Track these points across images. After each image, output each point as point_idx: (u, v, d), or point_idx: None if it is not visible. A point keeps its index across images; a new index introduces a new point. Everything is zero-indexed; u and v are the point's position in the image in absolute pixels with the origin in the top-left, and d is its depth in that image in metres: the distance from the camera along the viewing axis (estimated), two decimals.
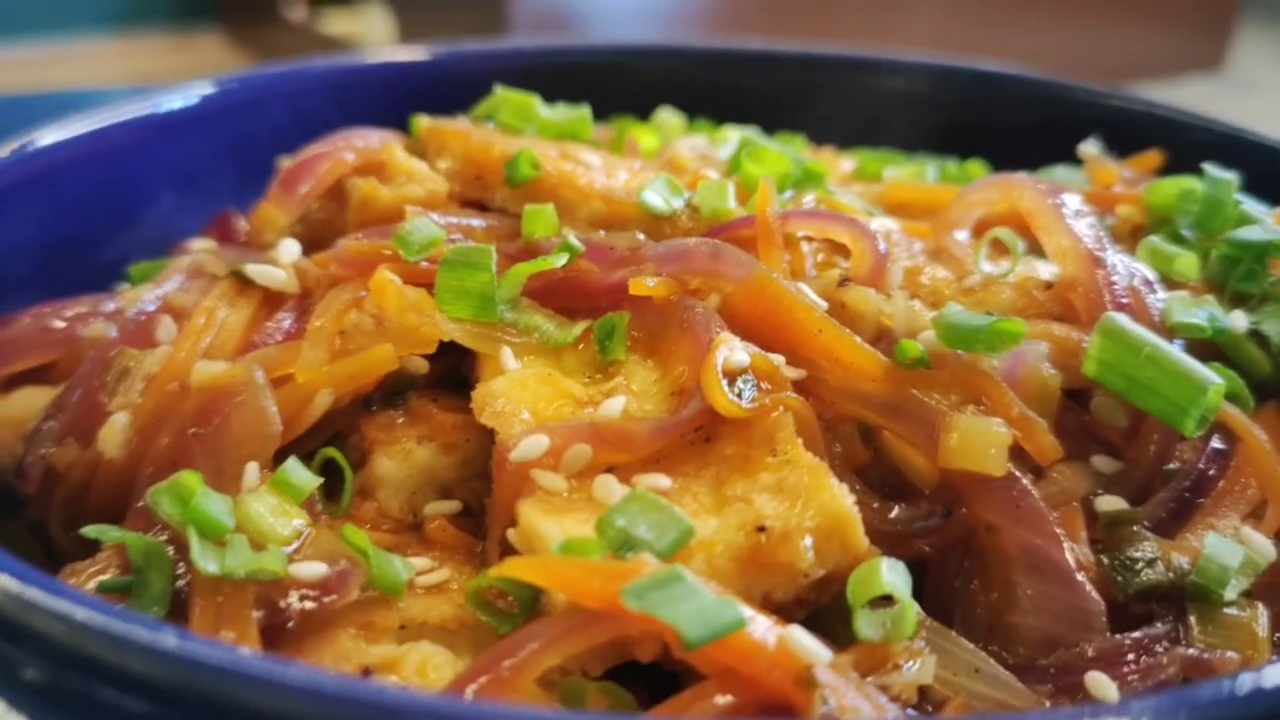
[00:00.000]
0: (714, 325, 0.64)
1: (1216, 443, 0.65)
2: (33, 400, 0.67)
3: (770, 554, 0.54)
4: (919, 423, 0.62)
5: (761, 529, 0.55)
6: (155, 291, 0.70)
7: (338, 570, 0.55)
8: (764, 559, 0.55)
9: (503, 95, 0.90)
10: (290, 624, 0.56)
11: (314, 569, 0.55)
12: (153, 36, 2.87)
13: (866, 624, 0.53)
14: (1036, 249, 0.75)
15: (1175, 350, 0.63)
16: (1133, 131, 0.99)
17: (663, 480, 0.59)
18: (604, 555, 0.53)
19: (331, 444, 0.67)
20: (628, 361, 0.66)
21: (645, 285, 0.67)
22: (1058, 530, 0.60)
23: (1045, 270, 0.71)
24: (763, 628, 0.49)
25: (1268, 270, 0.72)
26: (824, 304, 0.67)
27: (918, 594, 0.61)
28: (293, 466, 0.59)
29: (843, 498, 0.56)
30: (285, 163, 0.82)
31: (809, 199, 0.78)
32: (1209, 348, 0.70)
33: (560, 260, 0.69)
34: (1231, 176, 0.79)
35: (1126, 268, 0.70)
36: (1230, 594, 0.58)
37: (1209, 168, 0.79)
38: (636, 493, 0.56)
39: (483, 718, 0.40)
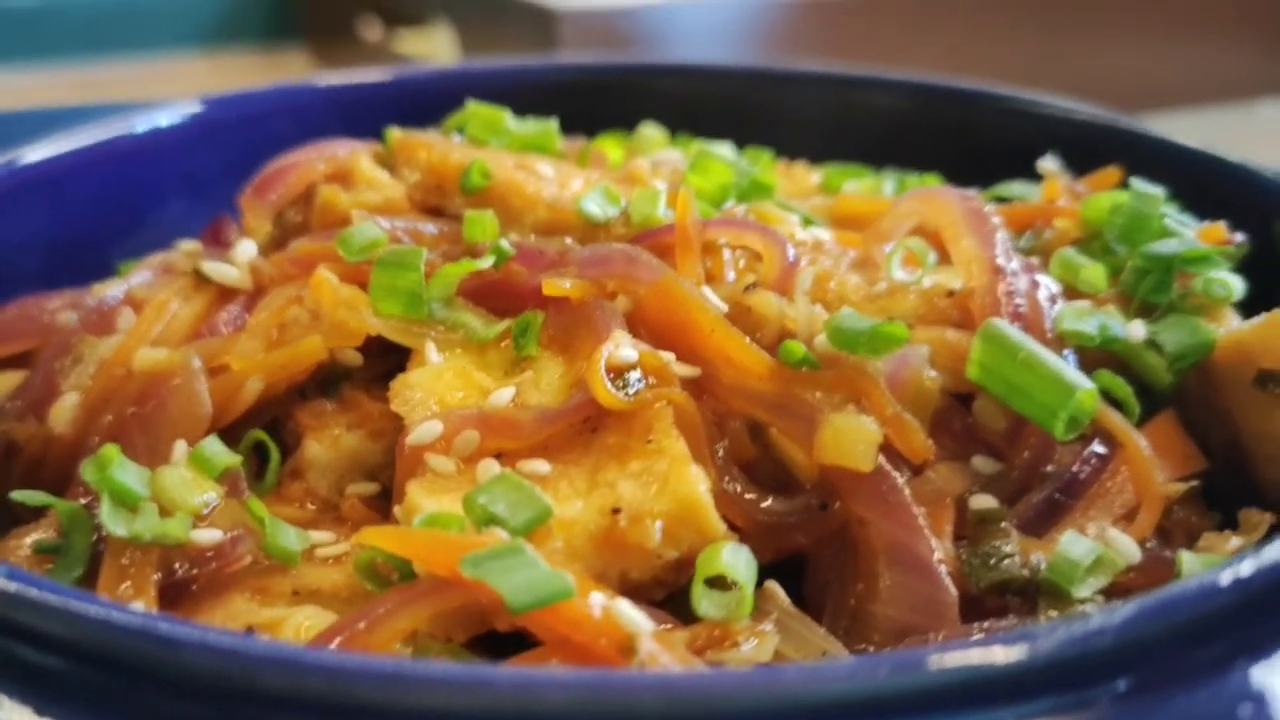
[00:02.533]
0: (612, 323, 0.69)
1: (1099, 447, 0.67)
2: (8, 383, 0.74)
3: (622, 535, 0.58)
4: (800, 419, 0.65)
5: (616, 511, 0.59)
6: (122, 285, 0.77)
7: (231, 537, 0.61)
8: (616, 539, 0.58)
9: (473, 109, 0.95)
10: (194, 587, 0.61)
11: (210, 535, 0.60)
12: (241, 54, 3.00)
13: (706, 602, 0.57)
14: None
15: (1050, 355, 0.65)
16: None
17: (542, 466, 0.63)
18: (467, 530, 0.57)
19: (269, 429, 0.73)
20: (540, 357, 0.71)
21: (559, 286, 0.71)
22: (923, 525, 0.63)
23: (953, 279, 0.74)
24: (592, 600, 0.53)
25: (1176, 282, 0.74)
26: (724, 307, 0.70)
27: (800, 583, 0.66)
28: (209, 444, 0.65)
29: (696, 485, 0.59)
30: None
31: (740, 208, 0.82)
32: (1113, 357, 0.72)
33: (487, 263, 0.74)
34: (1158, 191, 0.80)
35: (1030, 278, 0.73)
36: (1082, 591, 0.60)
37: (1136, 182, 0.81)
38: (504, 474, 0.60)
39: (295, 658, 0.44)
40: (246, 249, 0.79)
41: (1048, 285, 0.73)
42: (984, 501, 0.65)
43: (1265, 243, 0.85)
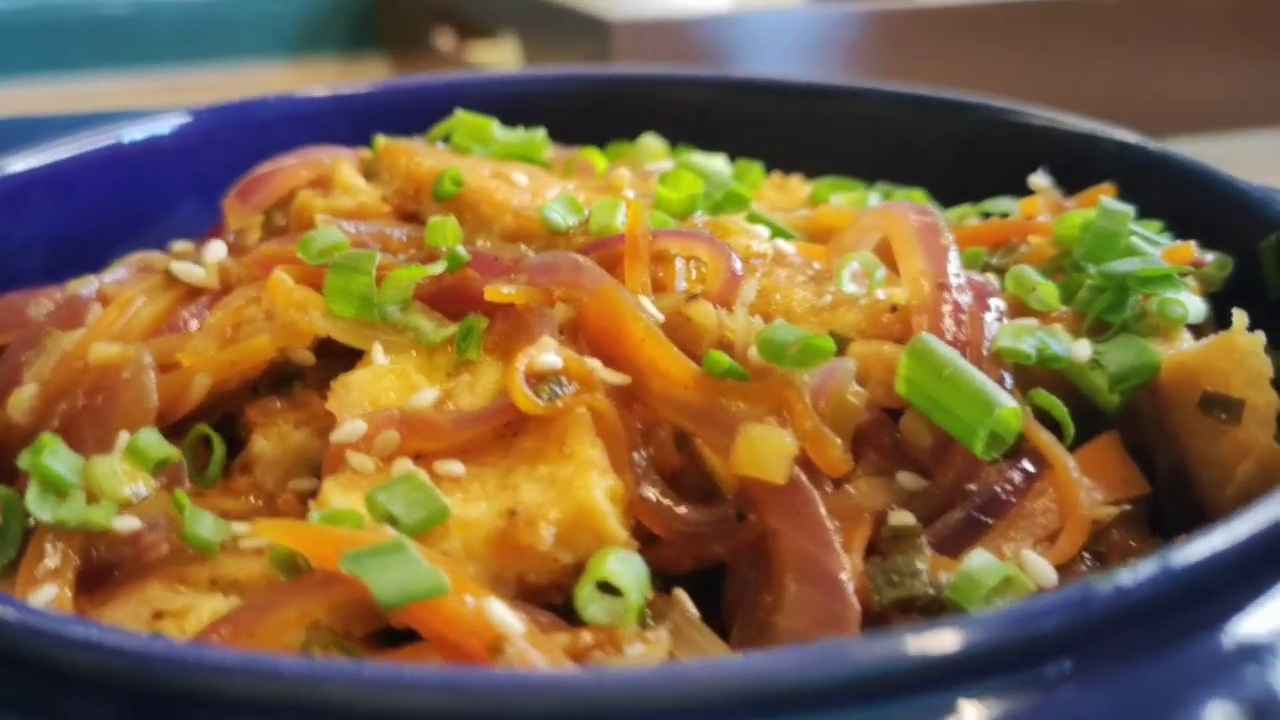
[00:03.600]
0: (544, 329, 0.70)
1: (1026, 467, 0.66)
2: None
3: (515, 537, 0.59)
4: (722, 430, 0.65)
5: (513, 513, 0.60)
6: (95, 281, 0.80)
7: (149, 525, 0.63)
8: (510, 541, 0.59)
9: (460, 117, 0.97)
10: (117, 573, 0.64)
11: (129, 523, 0.62)
12: (323, 63, 3.09)
13: (593, 607, 0.57)
14: None
15: (975, 372, 0.64)
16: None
17: (457, 467, 0.64)
18: (368, 527, 0.59)
19: (226, 425, 0.75)
20: (481, 362, 0.72)
21: (499, 292, 0.72)
22: (833, 539, 0.62)
23: (899, 294, 0.73)
24: (466, 600, 0.54)
25: (1137, 302, 0.72)
26: (661, 316, 0.71)
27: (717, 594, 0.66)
28: (145, 436, 0.67)
29: (594, 490, 0.60)
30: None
31: (702, 219, 0.82)
32: (1061, 378, 0.70)
33: (439, 268, 0.75)
34: (1127, 209, 0.78)
35: (977, 296, 0.72)
36: (985, 612, 0.59)
37: (1105, 200, 0.79)
38: (407, 474, 0.61)
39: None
40: (216, 250, 0.81)
41: (997, 304, 0.72)
42: (902, 518, 0.64)
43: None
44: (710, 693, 0.43)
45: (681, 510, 0.65)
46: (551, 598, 0.61)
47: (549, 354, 0.66)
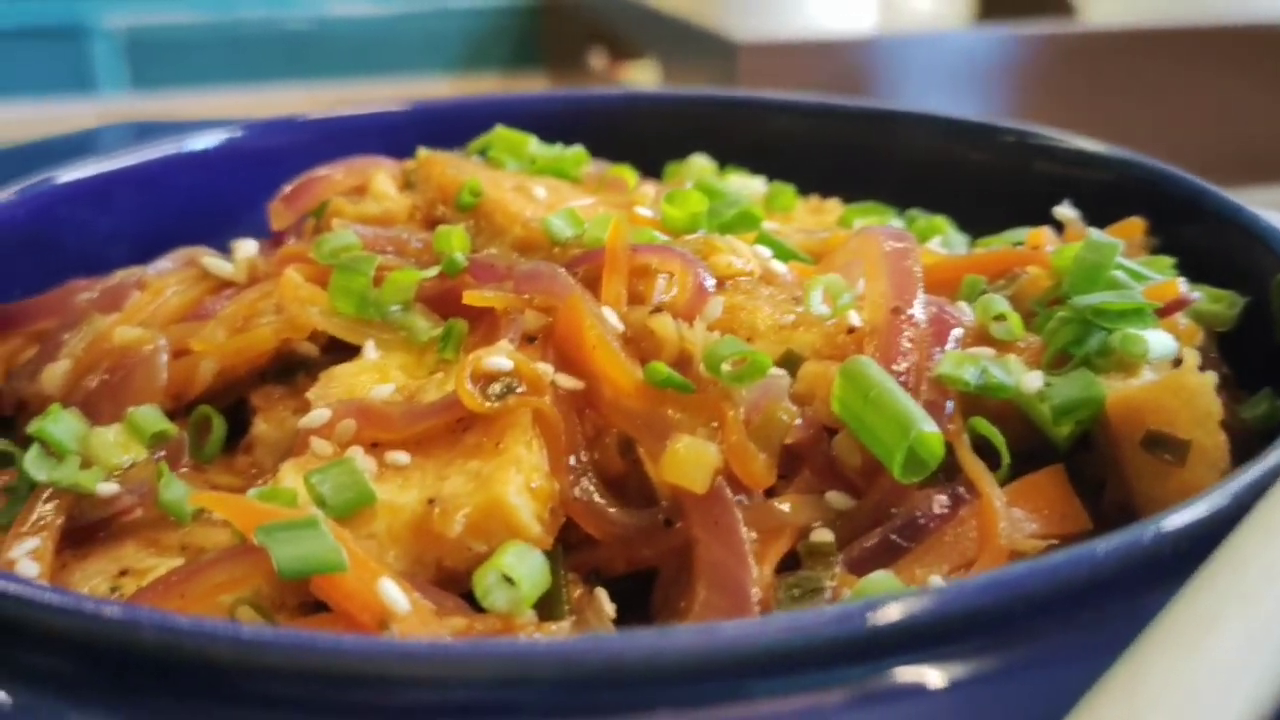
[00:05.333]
0: (509, 333, 0.74)
1: (951, 495, 0.66)
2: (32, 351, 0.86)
3: (431, 524, 0.63)
4: (659, 438, 0.68)
5: (432, 501, 0.64)
6: (139, 271, 0.88)
7: (126, 489, 0.69)
8: (427, 528, 0.63)
9: (498, 132, 1.02)
10: (102, 533, 0.71)
11: (110, 487, 0.69)
12: (485, 79, 3.22)
13: (492, 594, 0.60)
14: None
15: (898, 394, 0.65)
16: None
17: (403, 457, 0.68)
18: (301, 505, 0.64)
19: (235, 408, 0.82)
20: (458, 361, 0.76)
21: (478, 296, 0.77)
22: (747, 549, 0.64)
23: (856, 317, 0.74)
24: (364, 577, 0.58)
25: (1092, 336, 0.71)
26: (621, 327, 0.74)
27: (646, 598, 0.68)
28: (143, 411, 0.74)
29: (507, 485, 0.63)
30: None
31: (696, 235, 0.85)
32: (1010, 407, 0.70)
33: (430, 273, 0.80)
34: (1114, 241, 0.77)
35: (937, 323, 0.72)
36: None
37: (1092, 232, 0.78)
38: (341, 460, 0.66)
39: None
40: (247, 247, 0.88)
41: (956, 333, 0.72)
42: (821, 535, 0.66)
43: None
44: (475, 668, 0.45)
45: (612, 512, 0.68)
46: (468, 584, 0.64)
47: (499, 356, 0.70)
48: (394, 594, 0.58)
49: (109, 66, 3.14)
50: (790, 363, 0.73)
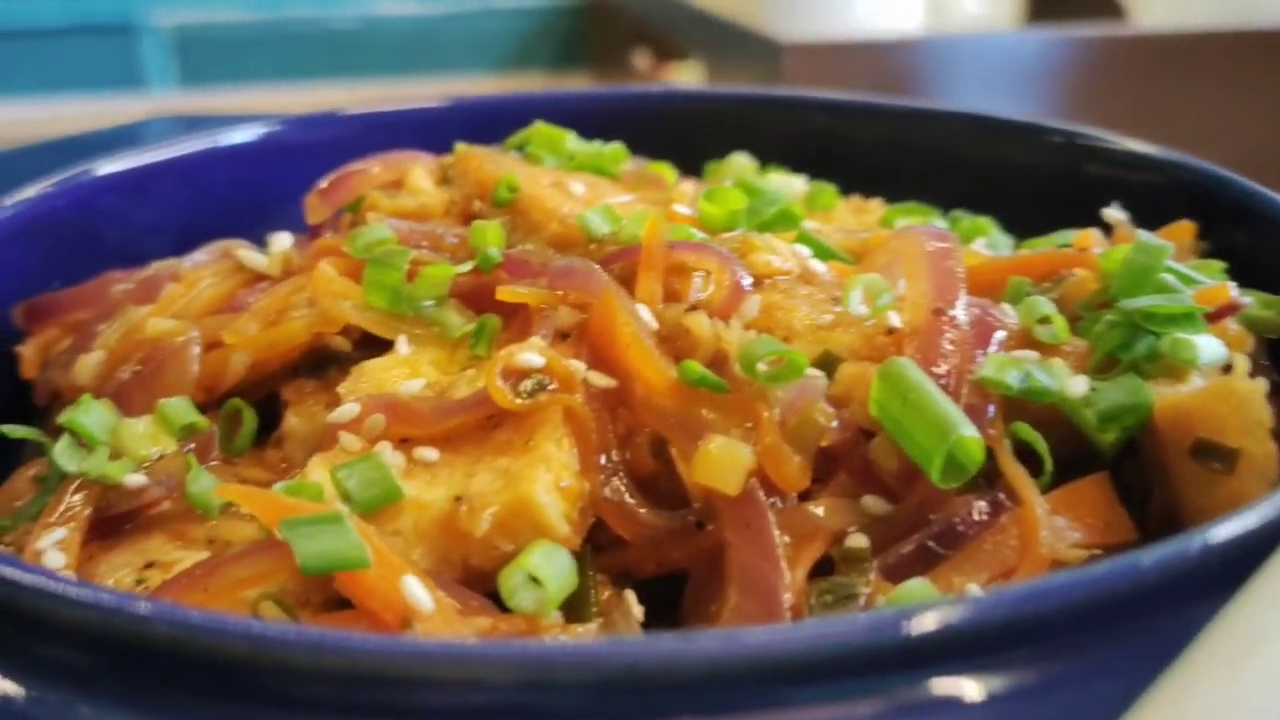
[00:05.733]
0: (541, 329, 0.73)
1: (991, 501, 0.64)
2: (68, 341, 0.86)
3: (457, 522, 0.62)
4: (692, 438, 0.67)
5: (459, 499, 0.63)
6: (174, 263, 0.88)
7: (153, 482, 0.69)
8: (454, 526, 0.62)
9: (536, 127, 1.01)
10: (129, 525, 0.70)
11: (137, 479, 0.69)
12: (530, 78, 3.22)
13: (518, 595, 0.59)
14: None
15: (938, 397, 0.63)
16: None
17: (430, 453, 0.67)
18: (328, 500, 0.63)
19: (267, 403, 0.81)
20: (491, 358, 0.75)
21: (512, 292, 0.76)
22: (779, 553, 0.63)
23: (896, 318, 0.72)
24: (387, 574, 0.57)
25: (1141, 340, 0.69)
26: (654, 324, 0.73)
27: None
28: (173, 403, 0.74)
29: (535, 484, 0.62)
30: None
31: (735, 235, 0.83)
32: (1054, 413, 0.68)
33: (464, 269, 0.79)
34: (1165, 244, 0.75)
35: (980, 325, 0.70)
36: None
37: (1142, 234, 0.76)
38: (369, 455, 0.65)
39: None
40: (282, 240, 0.88)
41: (999, 336, 0.70)
42: (856, 540, 0.64)
43: None
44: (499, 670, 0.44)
45: (643, 513, 0.67)
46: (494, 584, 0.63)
47: (531, 353, 0.69)
48: (418, 592, 0.57)
49: (158, 64, 3.17)
50: (828, 364, 0.71)
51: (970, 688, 0.47)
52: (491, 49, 3.21)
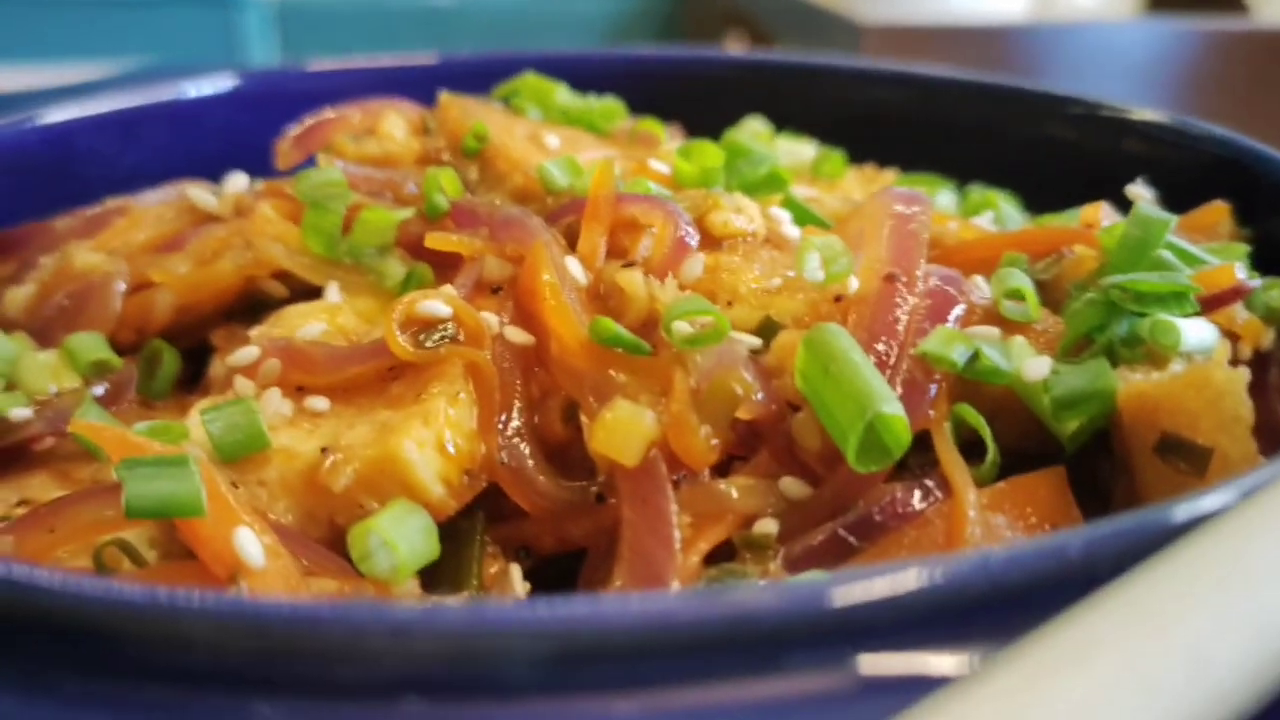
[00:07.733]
0: (463, 279, 0.67)
1: (919, 490, 0.56)
2: None
3: (320, 475, 0.57)
4: (603, 402, 0.61)
5: (324, 451, 0.58)
6: (126, 201, 0.85)
7: (37, 416, 0.65)
8: (316, 479, 0.57)
9: (525, 79, 0.96)
10: (18, 462, 0.67)
11: (22, 413, 0.65)
12: None
13: (370, 559, 0.54)
14: None
15: (864, 368, 0.56)
16: None
17: (320, 403, 0.63)
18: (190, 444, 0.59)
19: (201, 347, 0.77)
20: None
21: (442, 240, 0.71)
22: (674, 536, 0.56)
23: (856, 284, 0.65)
24: (221, 525, 0.52)
25: (1118, 320, 0.60)
26: (583, 279, 0.67)
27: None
28: (81, 338, 0.70)
29: (403, 440, 0.57)
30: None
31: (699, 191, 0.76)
32: (1016, 399, 0.60)
33: (403, 215, 0.74)
34: (1167, 217, 0.66)
35: (938, 296, 0.62)
36: None
37: (1141, 206, 0.67)
38: (240, 400, 0.61)
39: None
40: (238, 181, 0.84)
41: (958, 310, 0.62)
42: (764, 527, 0.57)
43: None
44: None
45: (540, 481, 0.61)
46: None
47: (437, 301, 0.63)
48: (249, 546, 0.52)
49: (260, 37, 3.20)
50: (769, 331, 0.64)
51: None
52: (586, 31, 3.17)
